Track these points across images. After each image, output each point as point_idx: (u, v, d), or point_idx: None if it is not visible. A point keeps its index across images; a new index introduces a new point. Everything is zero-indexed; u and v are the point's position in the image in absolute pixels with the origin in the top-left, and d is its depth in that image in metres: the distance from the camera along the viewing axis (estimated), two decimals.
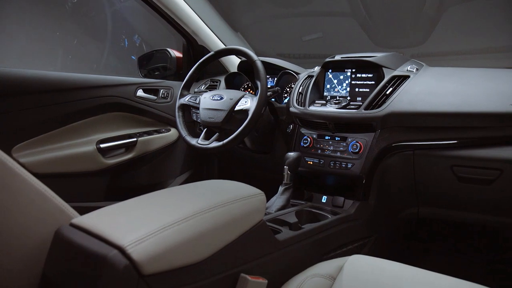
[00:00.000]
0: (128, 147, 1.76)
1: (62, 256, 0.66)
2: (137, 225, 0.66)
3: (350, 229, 1.29)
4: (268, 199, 1.27)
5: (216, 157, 2.11)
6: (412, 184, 1.34)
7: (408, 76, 1.34)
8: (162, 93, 1.91)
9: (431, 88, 1.28)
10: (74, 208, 0.77)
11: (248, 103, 1.47)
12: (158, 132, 1.89)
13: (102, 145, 1.66)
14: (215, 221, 0.74)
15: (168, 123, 1.93)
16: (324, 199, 1.47)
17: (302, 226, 1.14)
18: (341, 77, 1.48)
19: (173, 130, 1.94)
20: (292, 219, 1.18)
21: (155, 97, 1.88)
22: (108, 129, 1.72)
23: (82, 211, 1.26)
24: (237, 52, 1.57)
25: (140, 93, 1.83)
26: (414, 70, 1.37)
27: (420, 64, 1.43)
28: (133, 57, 2.81)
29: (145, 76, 2.08)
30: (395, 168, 1.33)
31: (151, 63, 2.09)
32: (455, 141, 1.22)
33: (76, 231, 0.67)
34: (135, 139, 1.78)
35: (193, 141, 1.52)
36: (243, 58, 1.88)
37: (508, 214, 1.25)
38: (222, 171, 2.13)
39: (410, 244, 1.69)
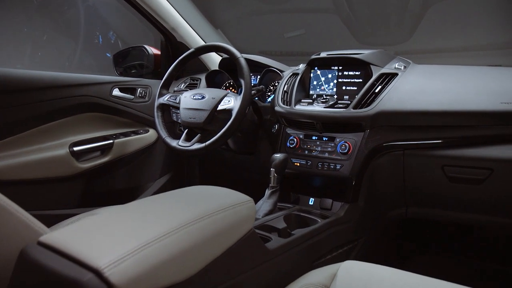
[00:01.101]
0: (104, 150, 1.67)
1: (28, 280, 0.58)
2: (115, 243, 0.59)
3: (339, 233, 1.25)
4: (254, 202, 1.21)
5: (197, 158, 2.03)
6: (401, 184, 1.31)
7: (396, 74, 1.30)
8: (140, 92, 1.81)
9: (421, 86, 1.25)
10: (45, 217, 0.69)
11: (231, 102, 1.40)
12: (136, 133, 1.80)
13: (75, 148, 1.56)
14: (202, 234, 0.68)
15: (146, 123, 1.84)
16: (311, 201, 1.42)
17: (292, 232, 1.09)
18: (328, 75, 1.43)
19: (151, 131, 1.86)
20: (281, 224, 1.13)
21: (132, 97, 1.79)
22: (82, 131, 1.62)
23: (54, 219, 1.17)
24: (219, 49, 1.50)
25: (116, 92, 1.73)
26: (402, 68, 1.33)
27: (407, 62, 1.40)
28: (108, 54, 2.69)
29: (121, 75, 1.98)
30: (384, 169, 1.29)
31: (128, 61, 1.99)
32: (446, 141, 1.20)
33: (45, 250, 0.59)
34: (111, 141, 1.68)
35: (174, 143, 1.45)
36: (225, 55, 1.81)
37: (498, 213, 1.24)
38: (203, 173, 2.05)
39: (398, 244, 1.67)
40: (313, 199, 1.42)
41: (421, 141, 1.22)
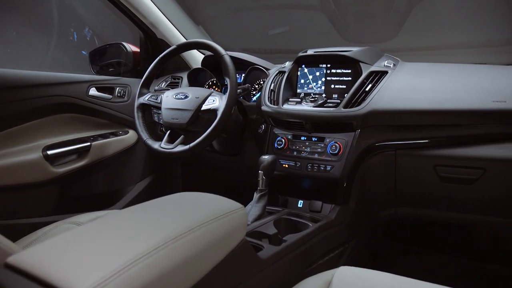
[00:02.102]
0: (81, 153, 1.58)
1: None
2: (96, 263, 0.52)
3: (331, 236, 1.21)
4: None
5: (179, 160, 1.96)
6: (393, 185, 1.28)
7: (386, 72, 1.27)
8: (118, 92, 1.73)
9: (411, 85, 1.22)
10: (17, 226, 0.61)
11: (216, 102, 1.34)
12: (115, 134, 1.71)
13: (49, 152, 1.47)
14: (192, 247, 0.62)
15: (126, 124, 1.75)
16: (300, 203, 1.38)
17: (284, 238, 1.04)
18: (315, 73, 1.39)
19: (131, 132, 1.77)
20: (271, 230, 1.08)
21: (110, 96, 1.70)
22: (57, 133, 1.53)
23: (27, 229, 1.08)
24: (203, 46, 1.44)
25: (93, 91, 1.64)
26: (391, 66, 1.30)
27: (396, 60, 1.37)
28: (83, 52, 2.57)
29: (97, 73, 1.88)
30: (376, 170, 1.26)
31: (105, 59, 1.90)
32: (438, 140, 1.17)
33: (13, 274, 0.52)
34: (88, 143, 1.59)
35: (155, 145, 1.37)
36: (208, 53, 1.74)
37: (490, 213, 1.23)
38: (186, 175, 1.98)
39: (387, 245, 1.65)
40: (302, 201, 1.37)
41: (413, 141, 1.19)
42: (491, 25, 1.68)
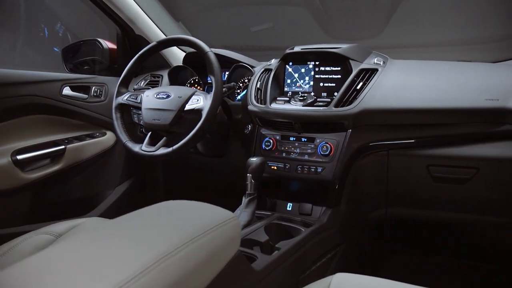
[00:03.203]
0: (55, 157, 1.47)
1: None
2: None
3: (323, 241, 1.16)
4: (227, 209, 1.08)
5: (160, 162, 1.87)
6: (384, 186, 1.25)
7: (376, 70, 1.23)
8: (95, 91, 1.63)
9: (403, 83, 1.19)
10: None
11: (200, 101, 1.27)
12: (91, 136, 1.62)
13: (19, 157, 1.36)
14: (184, 266, 0.55)
15: (103, 125, 1.66)
16: (289, 206, 1.33)
17: (276, 246, 0.99)
18: (303, 70, 1.34)
19: (109, 134, 1.68)
20: (263, 237, 1.03)
21: (85, 96, 1.60)
22: (27, 136, 1.42)
23: None
24: (185, 42, 1.36)
25: (67, 91, 1.54)
26: (381, 63, 1.27)
27: (385, 57, 1.33)
28: (55, 49, 2.44)
29: (71, 71, 1.78)
30: (368, 170, 1.23)
31: (79, 56, 1.79)
32: (431, 139, 1.15)
33: None
34: (63, 146, 1.49)
35: (136, 148, 1.30)
36: (189, 50, 1.67)
37: (482, 212, 1.21)
38: (168, 178, 1.90)
39: (376, 245, 1.62)
40: (291, 204, 1.33)
41: (406, 140, 1.16)
42: (476, 23, 1.68)
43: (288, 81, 1.36)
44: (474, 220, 1.25)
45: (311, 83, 1.32)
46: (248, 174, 1.18)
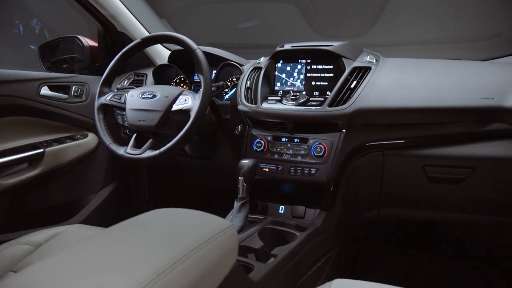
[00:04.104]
0: (33, 161, 1.39)
1: None
2: None
3: (318, 245, 1.13)
4: (217, 213, 1.03)
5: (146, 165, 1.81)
6: (378, 187, 1.22)
7: (370, 68, 1.20)
8: (75, 91, 1.55)
9: (398, 81, 1.17)
10: None
11: (188, 101, 1.22)
12: (72, 139, 1.54)
13: None
14: (181, 283, 0.51)
15: (85, 127, 1.58)
16: (281, 209, 1.29)
17: (272, 252, 0.95)
18: (294, 69, 1.30)
19: (91, 136, 1.61)
20: (257, 243, 0.98)
21: (65, 96, 1.53)
22: (2, 140, 1.35)
23: None
24: (171, 39, 1.30)
25: (45, 91, 1.46)
26: (374, 61, 1.24)
27: (377, 55, 1.31)
28: (32, 46, 2.33)
29: (49, 70, 1.69)
30: (363, 171, 1.20)
31: (58, 54, 1.71)
32: (427, 139, 1.13)
33: None
34: (41, 150, 1.41)
35: (121, 151, 1.23)
36: (175, 47, 1.61)
37: (476, 211, 1.21)
38: (153, 180, 1.83)
39: (372, 247, 1.60)
40: (283, 207, 1.28)
41: (401, 140, 1.14)
42: (463, 21, 1.67)
43: (279, 80, 1.32)
44: (469, 220, 1.24)
45: (303, 81, 1.28)
46: (240, 177, 1.13)
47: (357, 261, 1.51)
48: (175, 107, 1.22)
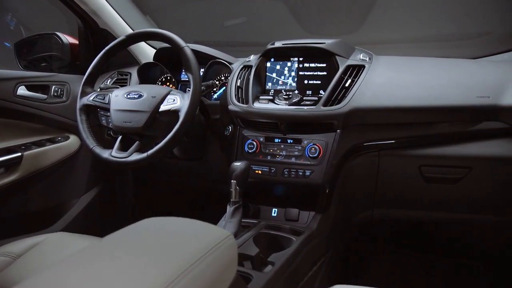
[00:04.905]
0: (10, 166, 1.31)
1: None
2: None
3: (314, 248, 1.10)
4: (208, 217, 0.98)
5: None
6: (373, 188, 1.20)
7: (363, 66, 1.17)
8: (55, 91, 1.47)
9: (393, 80, 1.14)
10: None
11: (177, 101, 1.17)
12: (53, 141, 1.46)
13: None
14: None
15: (66, 129, 1.51)
16: (274, 212, 1.25)
17: (269, 260, 0.91)
18: (286, 67, 1.26)
19: (72, 138, 1.53)
20: (253, 249, 0.94)
21: (44, 96, 1.45)
22: None
23: None
24: (158, 37, 1.24)
25: (22, 91, 1.38)
26: (367, 59, 1.21)
27: (369, 53, 1.28)
28: (6, 43, 2.22)
29: (26, 68, 1.60)
30: (358, 172, 1.17)
31: (35, 52, 1.62)
32: (424, 138, 1.11)
33: None
34: (19, 154, 1.33)
35: (105, 154, 1.17)
36: (160, 45, 1.54)
37: (473, 211, 1.20)
38: (139, 183, 1.77)
39: (367, 248, 1.58)
40: (276, 210, 1.25)
41: (398, 140, 1.11)
42: (453, 20, 1.67)
43: (270, 78, 1.28)
44: (467, 220, 1.23)
45: (295, 80, 1.24)
46: (232, 181, 1.08)
47: (351, 263, 1.49)
48: (162, 107, 1.17)
